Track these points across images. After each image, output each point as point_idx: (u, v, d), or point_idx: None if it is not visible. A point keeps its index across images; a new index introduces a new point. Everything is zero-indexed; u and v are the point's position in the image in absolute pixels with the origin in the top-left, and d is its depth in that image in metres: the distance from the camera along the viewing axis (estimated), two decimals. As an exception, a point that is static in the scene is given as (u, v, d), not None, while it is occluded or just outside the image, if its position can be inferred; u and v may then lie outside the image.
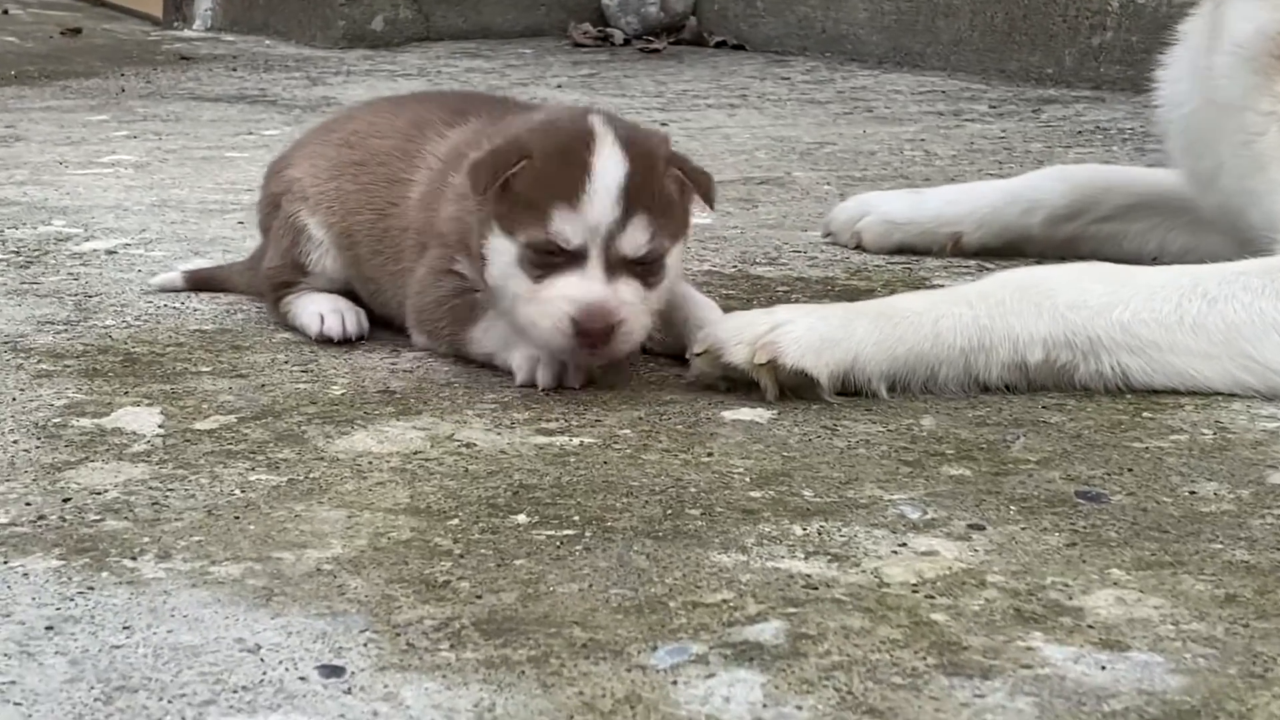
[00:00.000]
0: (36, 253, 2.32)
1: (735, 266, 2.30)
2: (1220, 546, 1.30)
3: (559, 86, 4.72)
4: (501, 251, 1.64)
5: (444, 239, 1.75)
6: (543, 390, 1.68)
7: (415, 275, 1.78)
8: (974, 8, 4.93)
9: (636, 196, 1.61)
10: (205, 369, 1.76)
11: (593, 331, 1.59)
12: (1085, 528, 1.34)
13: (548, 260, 1.61)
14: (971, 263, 2.33)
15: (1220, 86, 1.91)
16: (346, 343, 1.86)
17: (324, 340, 1.85)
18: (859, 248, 2.42)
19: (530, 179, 1.61)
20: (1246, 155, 1.87)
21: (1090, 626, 1.16)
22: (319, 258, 1.88)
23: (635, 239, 1.61)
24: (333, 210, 1.87)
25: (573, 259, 1.60)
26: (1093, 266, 1.75)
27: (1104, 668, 1.10)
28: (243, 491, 1.39)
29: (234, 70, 4.99)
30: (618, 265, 1.61)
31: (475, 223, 1.67)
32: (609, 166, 1.61)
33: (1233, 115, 1.88)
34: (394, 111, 1.92)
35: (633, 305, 1.61)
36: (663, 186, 1.65)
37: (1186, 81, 2.04)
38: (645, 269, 1.62)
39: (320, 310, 1.86)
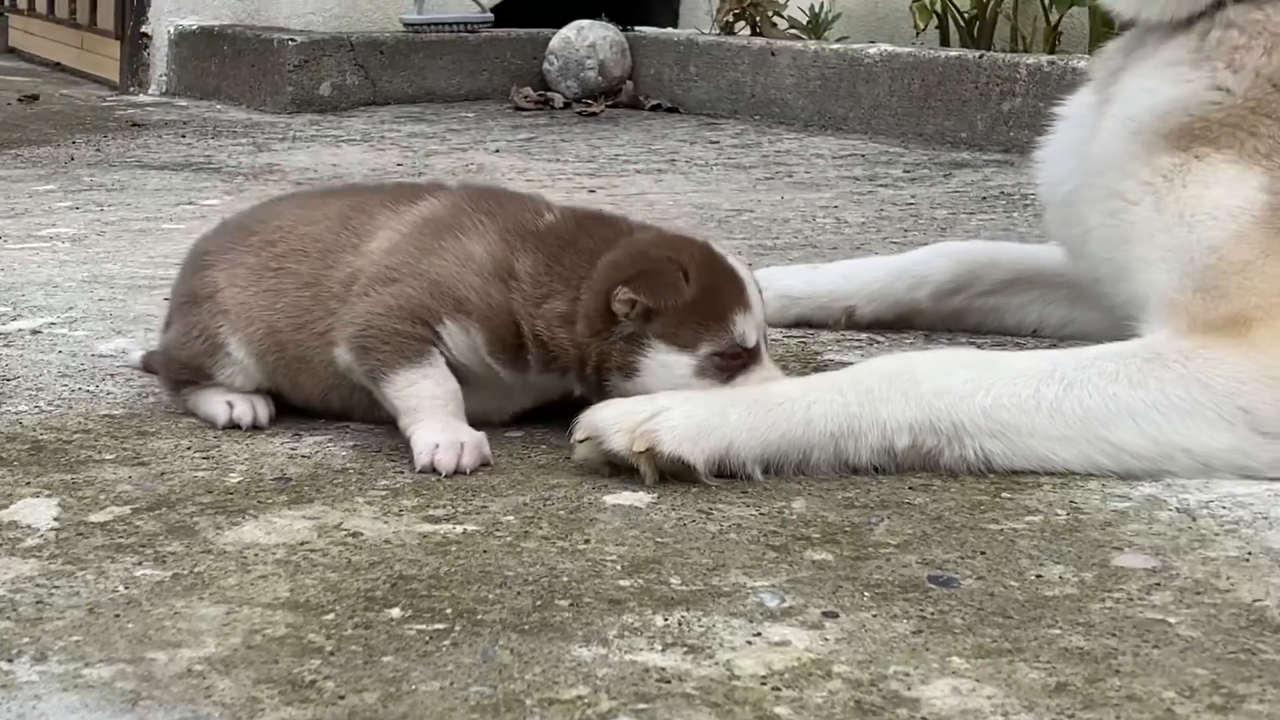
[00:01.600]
0: (-37, 334, 2.32)
1: (638, 342, 2.31)
2: (1058, 632, 1.32)
3: (497, 151, 4.74)
4: (674, 366, 1.72)
5: (448, 296, 1.73)
6: (445, 475, 1.69)
7: (374, 298, 1.75)
8: (893, 75, 4.98)
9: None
10: (109, 456, 1.76)
11: None
12: (933, 614, 1.35)
13: (731, 364, 1.72)
14: (863, 336, 2.35)
15: (1101, 152, 1.91)
16: (254, 428, 1.86)
17: (232, 427, 1.85)
18: (759, 321, 2.44)
19: (695, 294, 1.71)
20: (1116, 225, 1.87)
21: (924, 718, 1.17)
22: (232, 374, 1.85)
23: (767, 325, 1.83)
24: (253, 320, 1.83)
25: (749, 355, 1.74)
26: (958, 353, 1.77)
27: (931, 762, 1.10)
28: (126, 588, 1.39)
29: (183, 136, 5.00)
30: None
31: (595, 345, 1.73)
32: (743, 269, 1.77)
33: (1109, 179, 1.88)
34: (320, 203, 1.90)
35: None
36: None
37: (1067, 162, 2.05)
38: None
39: (228, 398, 1.86)
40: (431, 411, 1.73)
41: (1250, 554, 1.49)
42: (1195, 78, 1.82)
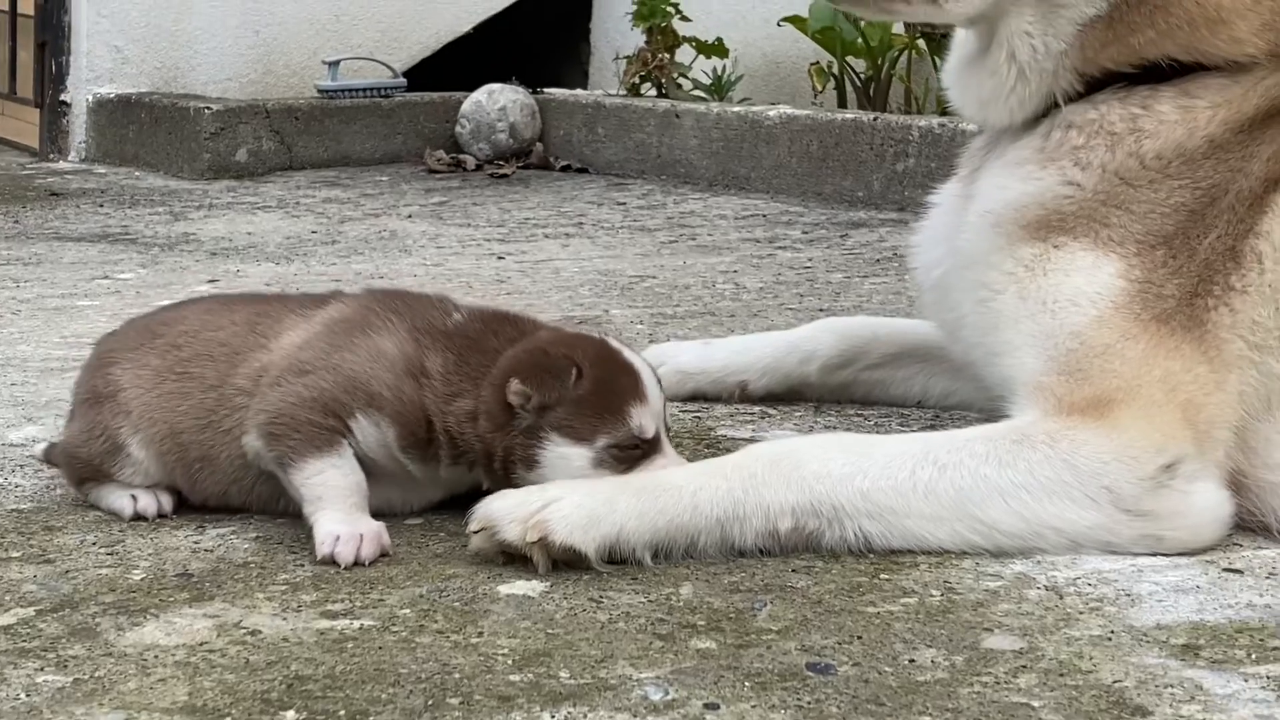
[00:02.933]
0: (-128, 425, 2.29)
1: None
2: (928, 719, 1.34)
3: (410, 217, 4.74)
4: (572, 458, 1.74)
5: (361, 391, 1.75)
6: (344, 567, 1.69)
7: (287, 387, 1.75)
8: (792, 136, 5.05)
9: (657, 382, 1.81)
10: (15, 554, 1.75)
11: None
12: (809, 703, 1.37)
13: (630, 455, 1.73)
14: (757, 409, 2.38)
15: (967, 245, 1.97)
16: (160, 517, 1.86)
17: (138, 519, 1.84)
18: (657, 395, 2.46)
19: (590, 388, 1.73)
20: (985, 312, 1.92)
21: (797, 813, 1.19)
22: (131, 474, 1.84)
23: (668, 414, 1.83)
24: (155, 422, 1.83)
25: (648, 446, 1.75)
26: (838, 438, 1.80)
27: None
28: (28, 695, 1.38)
29: (101, 206, 4.95)
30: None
31: (500, 440, 1.75)
32: (640, 363, 1.80)
33: (976, 272, 1.94)
34: (228, 310, 1.90)
35: None
36: None
37: (939, 248, 2.10)
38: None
39: (131, 491, 1.85)
40: (335, 502, 1.74)
41: (1113, 633, 1.53)
42: (1044, 175, 1.88)
